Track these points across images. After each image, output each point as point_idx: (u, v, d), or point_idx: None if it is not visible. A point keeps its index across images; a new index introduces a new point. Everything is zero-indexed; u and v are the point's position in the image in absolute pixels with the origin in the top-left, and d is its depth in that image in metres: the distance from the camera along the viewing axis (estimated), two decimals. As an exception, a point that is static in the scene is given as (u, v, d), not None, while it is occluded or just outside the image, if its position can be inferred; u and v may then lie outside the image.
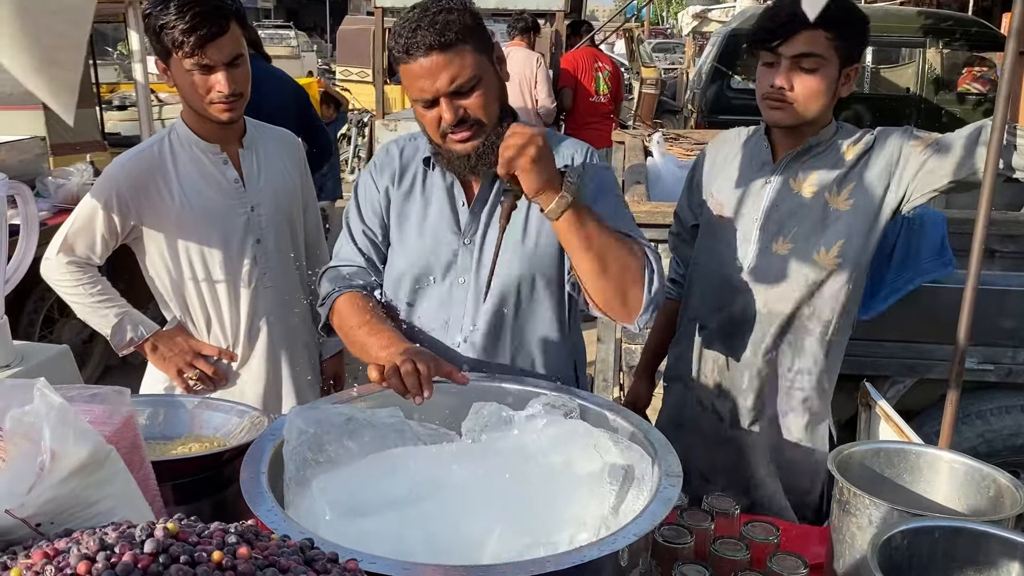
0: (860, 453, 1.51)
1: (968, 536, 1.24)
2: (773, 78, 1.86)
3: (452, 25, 1.58)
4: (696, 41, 14.24)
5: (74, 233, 2.10)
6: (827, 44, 1.82)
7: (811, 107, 1.87)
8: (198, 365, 2.17)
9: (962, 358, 1.76)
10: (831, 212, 1.92)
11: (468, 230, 1.78)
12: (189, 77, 1.98)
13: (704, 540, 1.48)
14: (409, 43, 1.58)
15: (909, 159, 1.87)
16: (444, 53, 1.58)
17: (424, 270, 1.79)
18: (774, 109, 1.89)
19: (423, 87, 1.61)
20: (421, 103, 1.64)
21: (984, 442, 2.90)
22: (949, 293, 2.70)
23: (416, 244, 1.80)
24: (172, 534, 0.79)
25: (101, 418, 1.18)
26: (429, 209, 1.80)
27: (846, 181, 1.92)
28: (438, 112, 1.63)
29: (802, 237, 1.94)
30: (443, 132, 1.66)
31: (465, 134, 1.65)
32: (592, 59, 7.24)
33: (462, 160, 1.69)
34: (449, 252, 1.78)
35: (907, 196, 1.89)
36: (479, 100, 1.64)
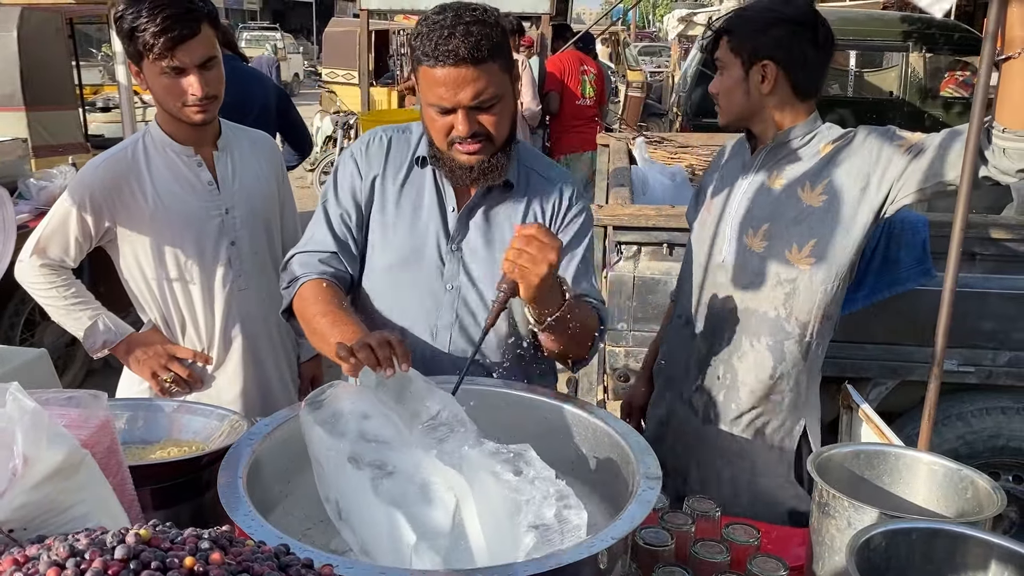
0: (840, 455, 1.51)
1: (946, 537, 1.24)
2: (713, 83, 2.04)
3: (486, 41, 1.56)
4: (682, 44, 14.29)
5: (47, 236, 2.09)
6: (725, 48, 1.96)
7: (728, 105, 1.99)
8: (173, 368, 2.16)
9: (941, 360, 1.77)
10: (804, 208, 1.93)
11: (456, 236, 1.77)
12: (161, 80, 1.97)
13: (685, 542, 1.48)
14: (439, 49, 1.55)
15: (892, 160, 1.88)
16: (474, 67, 1.56)
17: (412, 269, 1.78)
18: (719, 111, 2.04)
19: (443, 95, 1.59)
20: (437, 109, 1.62)
21: (964, 444, 2.92)
22: (931, 296, 2.71)
23: (404, 243, 1.78)
24: (144, 540, 0.78)
25: (77, 422, 1.17)
26: (419, 209, 1.79)
27: (820, 177, 1.94)
28: (451, 121, 1.62)
29: (776, 234, 1.95)
30: (451, 140, 1.65)
31: (474, 147, 1.65)
32: (578, 62, 7.26)
33: (464, 170, 1.68)
34: (437, 256, 1.77)
35: (890, 197, 1.90)
36: (495, 118, 1.64)
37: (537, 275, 1.44)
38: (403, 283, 1.79)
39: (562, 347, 1.68)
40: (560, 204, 1.81)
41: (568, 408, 1.56)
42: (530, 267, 1.44)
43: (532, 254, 1.44)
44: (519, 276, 1.46)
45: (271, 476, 1.41)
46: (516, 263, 1.45)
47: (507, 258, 1.47)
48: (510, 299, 1.52)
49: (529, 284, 1.46)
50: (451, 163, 1.69)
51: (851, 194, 1.91)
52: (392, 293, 1.80)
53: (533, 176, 1.82)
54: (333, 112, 11.42)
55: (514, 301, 1.58)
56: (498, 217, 1.79)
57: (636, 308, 2.81)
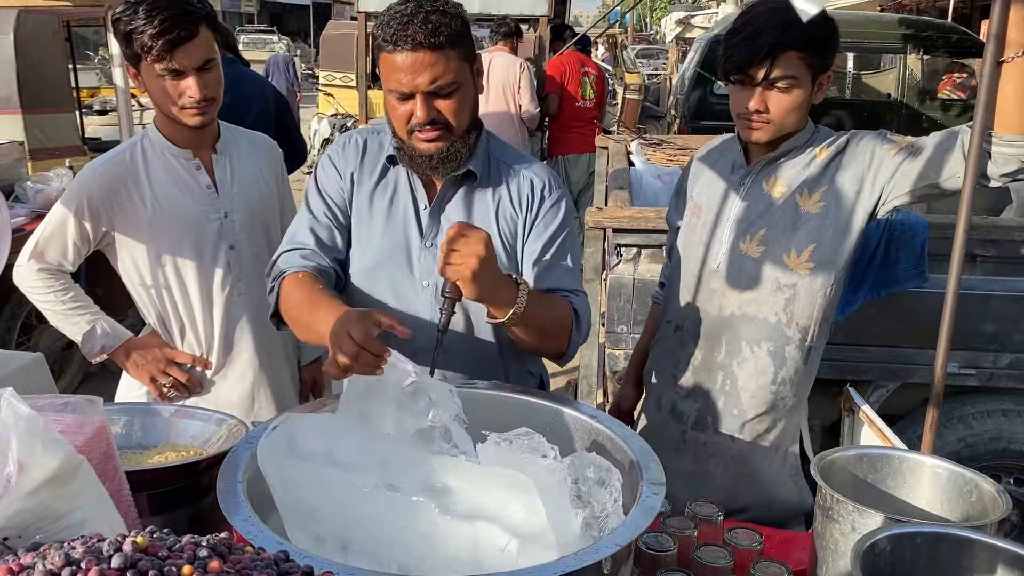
0: (843, 459, 1.50)
1: (951, 542, 1.23)
2: (747, 101, 1.87)
3: (444, 28, 1.59)
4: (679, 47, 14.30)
5: (45, 240, 2.08)
6: (800, 63, 1.83)
7: (787, 123, 1.90)
8: (172, 373, 2.14)
9: (944, 363, 1.76)
10: (802, 214, 1.92)
11: (429, 232, 1.78)
12: (159, 82, 1.96)
13: (687, 547, 1.47)
14: (398, 35, 1.59)
15: (883, 162, 1.87)
16: (431, 52, 1.59)
17: (389, 269, 1.78)
18: (751, 128, 1.91)
19: (402, 80, 1.61)
20: (396, 95, 1.65)
21: (966, 446, 2.91)
22: (931, 298, 2.71)
23: (380, 243, 1.79)
24: (141, 548, 0.77)
25: (72, 428, 1.16)
26: (393, 208, 1.80)
27: (818, 184, 1.92)
28: (411, 107, 1.64)
29: (772, 239, 1.93)
30: (411, 128, 1.67)
31: (432, 134, 1.66)
32: (579, 63, 7.27)
33: (424, 159, 1.70)
34: (412, 254, 1.78)
35: (882, 199, 1.89)
36: (453, 105, 1.65)
37: (469, 269, 1.46)
38: (381, 283, 1.79)
39: (532, 342, 1.70)
40: (533, 195, 1.81)
41: (569, 412, 1.55)
42: (460, 264, 1.46)
43: (459, 251, 1.46)
44: (453, 276, 1.48)
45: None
46: (448, 264, 1.48)
47: (441, 262, 1.49)
48: (456, 302, 1.53)
49: (466, 281, 1.47)
50: (411, 152, 1.71)
51: (848, 199, 1.91)
52: (372, 293, 1.81)
53: (503, 167, 1.82)
54: (331, 115, 11.42)
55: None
56: (469, 211, 1.79)
57: (636, 311, 2.80)
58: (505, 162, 1.83)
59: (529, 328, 1.64)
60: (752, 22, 1.84)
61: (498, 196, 1.80)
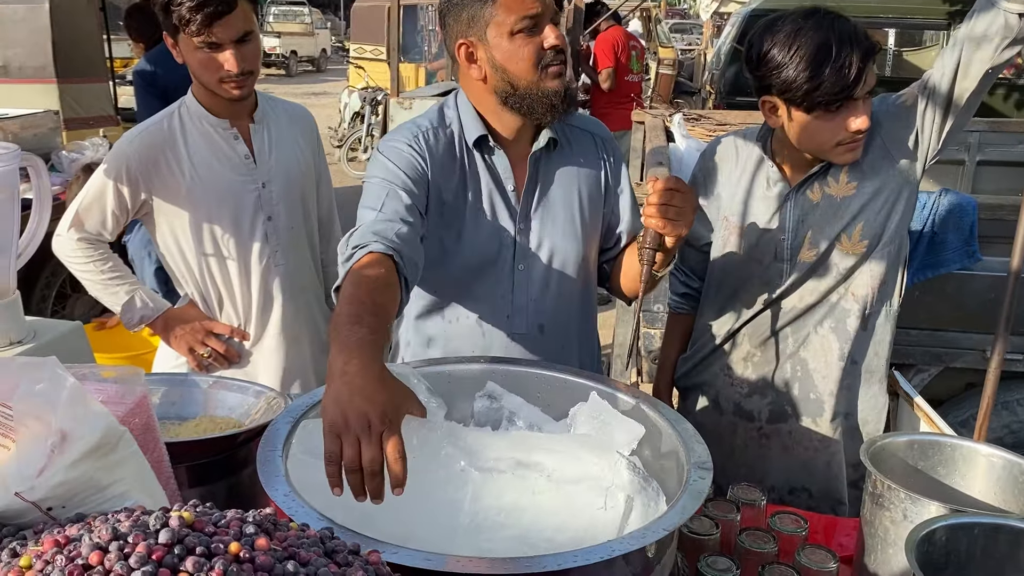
0: (893, 445, 1.47)
1: (1009, 533, 1.20)
2: (851, 123, 1.75)
3: None
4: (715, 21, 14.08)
5: (85, 209, 2.07)
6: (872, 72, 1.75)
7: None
8: (210, 344, 2.14)
9: (1002, 349, 1.70)
10: (837, 202, 1.87)
11: (523, 214, 1.74)
12: (198, 55, 1.94)
13: (730, 531, 1.44)
14: None
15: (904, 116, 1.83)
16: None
17: (486, 261, 1.73)
18: (852, 151, 1.82)
19: (531, 5, 1.58)
20: (527, 24, 1.58)
21: (1010, 432, 2.85)
22: (976, 280, 2.65)
23: (473, 234, 1.72)
24: (187, 523, 0.75)
25: (114, 398, 1.15)
26: (480, 197, 1.72)
27: (840, 167, 1.86)
28: (539, 40, 1.61)
29: (823, 238, 1.88)
30: (544, 64, 1.61)
31: (560, 67, 1.63)
32: (627, 38, 7.26)
33: (552, 97, 1.63)
34: (507, 239, 1.73)
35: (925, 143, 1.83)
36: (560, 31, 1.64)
37: (687, 225, 1.50)
38: (477, 276, 1.75)
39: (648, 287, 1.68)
40: (604, 153, 1.83)
41: (617, 394, 1.51)
42: (679, 220, 1.49)
43: (678, 206, 1.48)
44: (669, 230, 1.50)
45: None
46: (664, 218, 1.49)
47: (650, 214, 1.50)
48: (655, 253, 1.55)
49: (679, 236, 1.51)
50: (538, 95, 1.63)
51: (878, 166, 1.85)
52: (467, 288, 1.76)
53: (569, 131, 1.80)
54: (361, 88, 11.38)
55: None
56: (552, 183, 1.76)
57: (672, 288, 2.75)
58: (571, 124, 1.81)
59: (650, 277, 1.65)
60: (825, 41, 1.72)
61: (575, 161, 1.79)
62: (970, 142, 4.40)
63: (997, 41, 1.67)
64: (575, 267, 1.77)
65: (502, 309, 1.75)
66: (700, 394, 2.11)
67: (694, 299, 2.13)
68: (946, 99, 1.77)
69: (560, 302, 1.77)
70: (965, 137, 4.37)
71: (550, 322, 1.77)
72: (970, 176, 4.43)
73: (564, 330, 1.79)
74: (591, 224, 1.78)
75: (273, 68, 23.72)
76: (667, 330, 2.26)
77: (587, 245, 1.78)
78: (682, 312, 2.17)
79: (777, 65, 1.75)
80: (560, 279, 1.76)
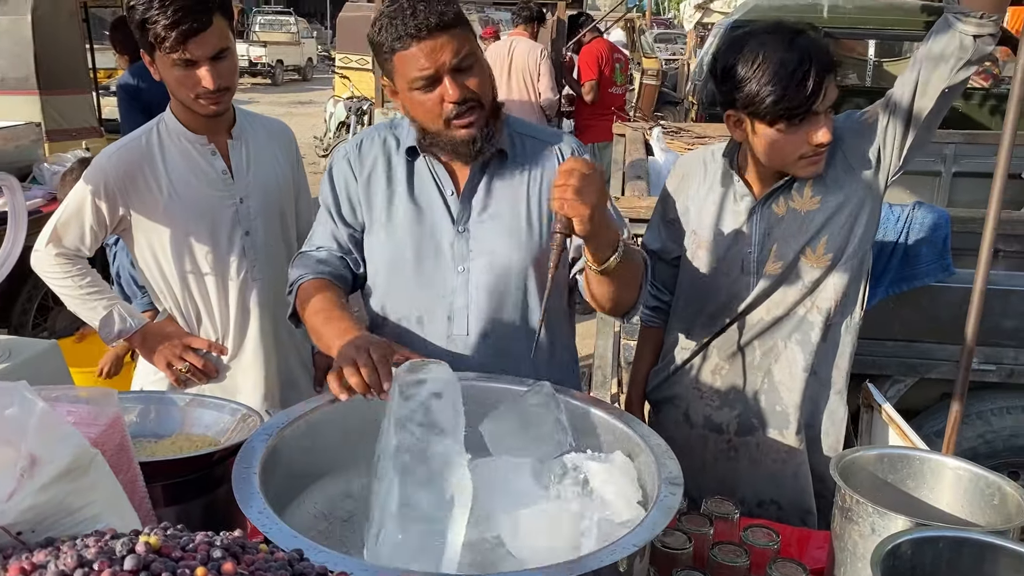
0: (863, 458, 1.49)
1: (973, 547, 1.21)
2: (813, 137, 1.79)
3: (448, 8, 1.62)
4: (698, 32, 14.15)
5: (63, 224, 2.08)
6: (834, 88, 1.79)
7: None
8: (188, 358, 2.14)
9: (968, 361, 1.73)
10: (802, 216, 1.90)
11: (460, 218, 1.77)
12: (174, 72, 1.95)
13: (703, 545, 1.45)
14: (410, 27, 1.59)
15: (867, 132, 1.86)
16: (446, 32, 1.61)
17: (423, 260, 1.77)
18: (815, 164, 1.85)
19: (424, 65, 1.61)
20: (422, 83, 1.63)
21: (984, 443, 2.88)
22: (951, 292, 2.69)
23: (409, 236, 1.77)
24: (154, 548, 0.76)
25: (87, 419, 1.15)
26: (417, 200, 1.78)
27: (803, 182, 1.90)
28: (440, 93, 1.63)
29: (788, 251, 1.91)
30: (447, 117, 1.65)
31: (469, 118, 1.65)
32: (611, 49, 7.28)
33: (466, 145, 1.68)
34: (444, 241, 1.77)
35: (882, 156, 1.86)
36: (478, 79, 1.65)
37: (589, 204, 1.43)
38: (415, 274, 1.78)
39: (614, 293, 1.66)
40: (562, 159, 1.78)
41: (590, 409, 1.53)
42: (579, 199, 1.43)
43: (576, 186, 1.43)
44: (571, 211, 1.44)
45: (286, 471, 1.39)
46: (564, 199, 1.44)
47: (555, 196, 1.45)
48: (567, 239, 1.51)
49: (583, 217, 1.44)
50: (452, 142, 1.69)
51: (841, 180, 1.88)
52: (405, 286, 1.79)
53: (527, 141, 1.82)
54: (346, 97, 11.37)
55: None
56: (499, 190, 1.78)
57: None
58: (529, 136, 1.83)
59: (620, 276, 1.60)
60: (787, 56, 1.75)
61: (528, 171, 1.79)
62: (946, 154, 4.46)
63: (953, 61, 1.71)
64: (520, 274, 1.77)
65: (443, 310, 1.78)
66: (671, 407, 2.14)
67: (665, 312, 2.15)
68: (906, 116, 1.81)
69: (503, 307, 1.78)
70: (941, 149, 4.42)
71: (491, 327, 1.77)
72: (946, 188, 4.48)
73: (507, 336, 1.78)
74: (539, 234, 1.77)
75: (259, 77, 23.67)
76: (639, 343, 2.28)
77: (535, 253, 1.77)
78: (653, 325, 2.20)
79: (741, 79, 1.79)
80: (502, 285, 1.76)
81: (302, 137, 4.15)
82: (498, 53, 6.73)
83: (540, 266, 1.77)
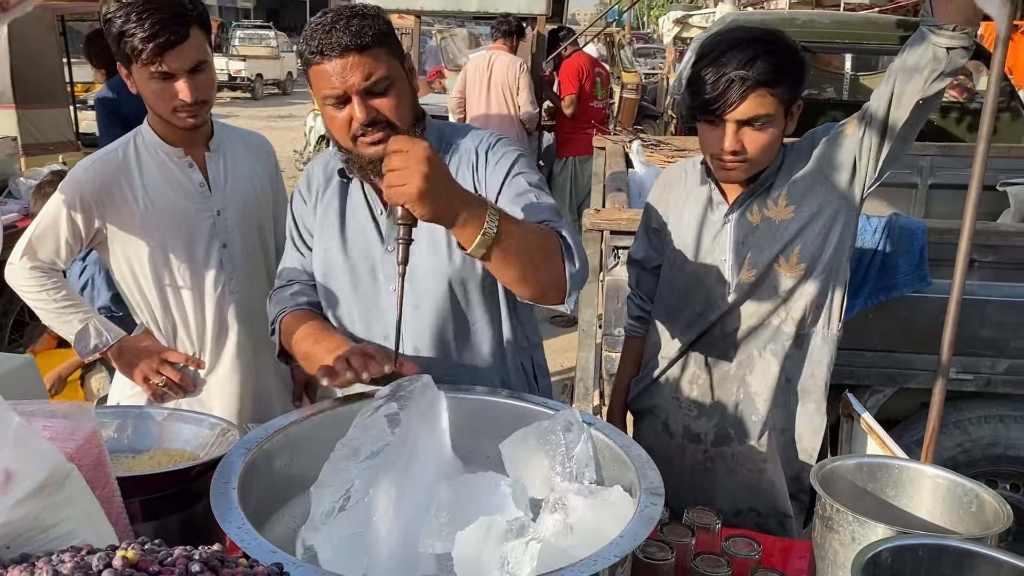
0: (843, 468, 1.49)
1: (952, 553, 1.22)
2: (722, 141, 1.83)
3: (367, 29, 1.58)
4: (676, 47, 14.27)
5: (38, 237, 2.06)
6: (773, 101, 1.80)
7: (765, 159, 1.88)
8: (164, 372, 2.12)
9: (945, 371, 1.75)
10: (776, 225, 1.92)
11: (389, 237, 1.75)
12: (151, 84, 1.94)
13: (685, 556, 1.45)
14: (323, 43, 1.57)
15: (843, 143, 1.88)
16: (359, 54, 1.57)
17: (355, 280, 1.77)
18: (728, 169, 1.88)
19: (334, 84, 1.58)
20: (332, 100, 1.61)
21: (963, 452, 2.90)
22: (929, 303, 2.71)
23: (342, 257, 1.78)
24: (132, 563, 0.75)
25: (63, 434, 1.14)
26: (348, 220, 1.79)
27: (779, 191, 1.92)
28: (349, 112, 1.61)
29: (762, 260, 1.93)
30: (354, 135, 1.63)
31: (376, 135, 1.62)
32: (591, 63, 7.31)
33: (373, 164, 1.64)
34: (376, 261, 1.76)
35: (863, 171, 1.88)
36: (391, 102, 1.62)
37: (415, 186, 1.31)
38: (350, 295, 1.78)
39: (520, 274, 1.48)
40: (479, 155, 1.75)
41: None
42: (402, 183, 1.33)
43: (398, 168, 1.33)
44: (397, 197, 1.34)
45: (265, 486, 1.38)
46: (388, 185, 1.35)
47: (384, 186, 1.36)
48: (412, 228, 1.41)
49: (412, 199, 1.33)
50: (360, 160, 1.67)
51: (815, 192, 1.90)
52: (341, 306, 1.80)
53: (452, 149, 1.78)
54: (327, 111, 11.35)
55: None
56: None
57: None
58: (453, 142, 1.78)
59: (510, 255, 1.44)
60: (717, 61, 1.80)
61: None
62: (922, 166, 4.51)
63: (927, 73, 1.73)
64: (445, 287, 1.73)
65: (380, 329, 1.77)
66: (651, 417, 2.15)
67: (648, 322, 2.17)
68: (882, 128, 1.83)
69: (434, 323, 1.75)
70: (917, 161, 4.48)
71: (425, 343, 1.76)
72: (923, 199, 4.53)
73: (443, 351, 1.77)
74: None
75: (239, 91, 23.60)
76: (622, 353, 2.29)
77: (461, 269, 1.72)
78: (636, 335, 2.21)
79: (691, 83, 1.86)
80: (429, 300, 1.74)
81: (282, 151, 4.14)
82: (477, 67, 6.75)
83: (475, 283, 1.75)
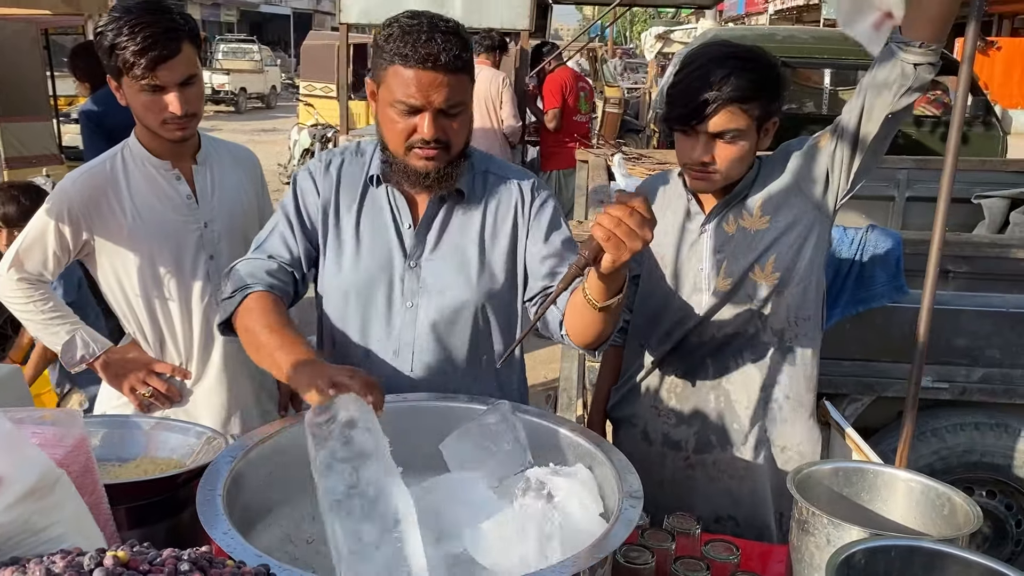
0: (819, 472, 1.52)
1: (923, 555, 1.25)
2: (692, 152, 1.88)
3: (463, 53, 1.60)
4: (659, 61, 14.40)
5: (25, 249, 2.07)
6: (742, 116, 1.84)
7: (735, 172, 1.91)
8: (151, 383, 2.13)
9: (918, 379, 1.78)
10: (752, 235, 1.96)
11: (414, 253, 1.75)
12: (141, 97, 1.96)
13: (665, 560, 1.48)
14: (419, 52, 1.56)
15: (817, 156, 1.92)
16: (452, 74, 1.58)
17: (372, 290, 1.76)
18: (698, 179, 1.92)
19: (414, 95, 1.58)
20: (404, 107, 1.60)
21: (939, 459, 2.94)
22: (906, 312, 2.76)
23: (362, 265, 1.76)
24: (122, 563, 0.77)
25: (52, 441, 1.15)
26: (375, 230, 1.77)
27: (754, 201, 1.96)
28: (415, 123, 1.62)
29: (737, 268, 1.96)
30: (410, 144, 1.64)
31: (432, 152, 1.63)
32: (575, 79, 7.37)
33: (418, 176, 1.66)
34: (395, 275, 1.76)
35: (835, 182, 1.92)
36: (457, 126, 1.65)
37: (631, 250, 1.34)
38: (363, 304, 1.77)
39: (603, 328, 1.56)
40: (524, 198, 1.79)
41: (549, 426, 1.55)
42: (626, 241, 1.33)
43: (631, 228, 1.33)
44: (612, 247, 1.34)
45: (251, 494, 1.39)
46: (613, 232, 1.33)
47: (601, 224, 1.34)
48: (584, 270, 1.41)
49: (619, 258, 1.35)
50: (405, 169, 1.67)
51: (792, 202, 1.94)
52: (352, 315, 1.78)
53: (490, 178, 1.80)
54: (311, 125, 11.39)
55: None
56: (455, 227, 1.77)
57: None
58: (492, 172, 1.81)
59: (612, 313, 1.51)
60: (693, 74, 1.84)
61: (485, 210, 1.78)
62: (899, 179, 4.59)
63: (895, 88, 1.77)
64: (469, 315, 1.75)
65: (389, 344, 1.76)
66: (630, 425, 2.17)
67: (626, 331, 2.19)
68: (853, 141, 1.87)
69: (449, 347, 1.76)
70: (894, 174, 4.55)
71: (436, 364, 1.76)
72: (900, 211, 4.61)
73: (451, 374, 1.77)
74: (494, 274, 1.76)
75: (222, 105, 23.58)
76: (602, 362, 2.31)
77: (486, 295, 1.76)
78: (615, 344, 2.23)
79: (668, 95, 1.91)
80: (449, 323, 1.75)
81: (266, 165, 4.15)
82: (460, 81, 6.77)
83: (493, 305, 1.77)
